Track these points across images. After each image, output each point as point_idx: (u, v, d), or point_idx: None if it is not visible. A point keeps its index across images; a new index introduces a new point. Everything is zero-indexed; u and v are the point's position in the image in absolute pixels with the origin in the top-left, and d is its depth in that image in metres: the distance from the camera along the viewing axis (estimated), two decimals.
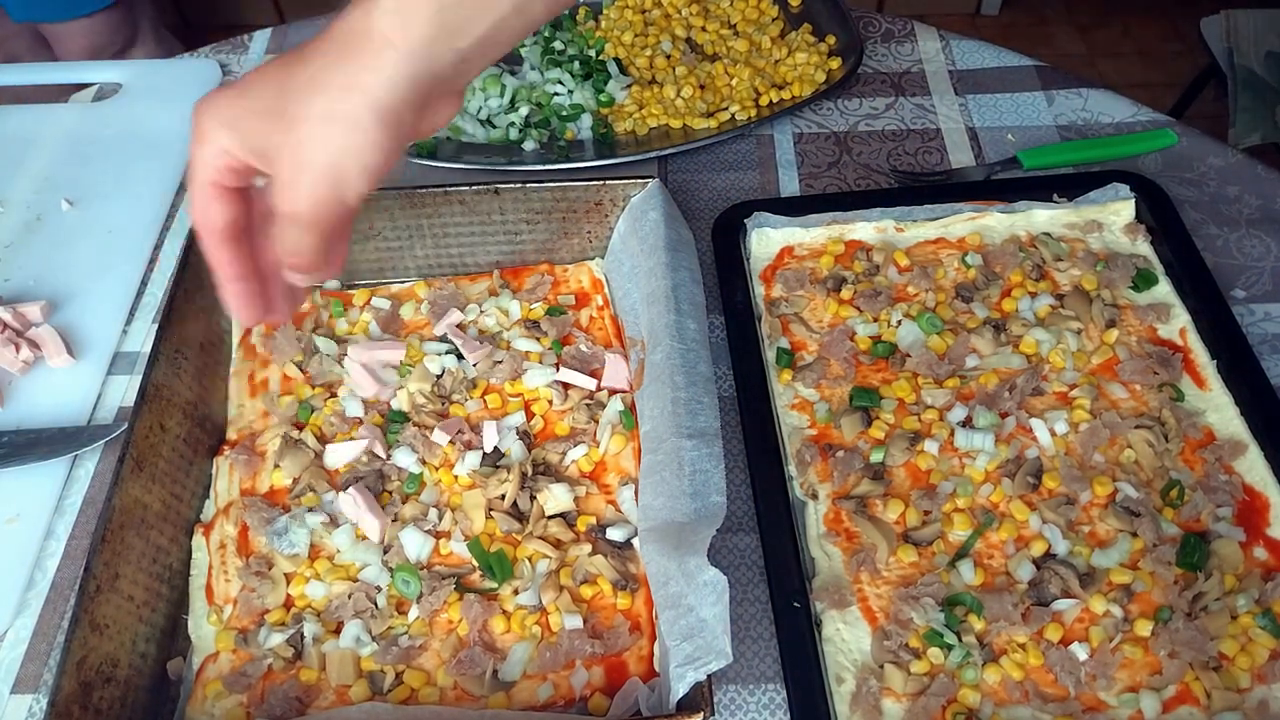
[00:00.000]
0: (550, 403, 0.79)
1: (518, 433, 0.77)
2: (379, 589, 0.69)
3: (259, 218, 0.56)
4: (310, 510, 0.73)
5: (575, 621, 0.67)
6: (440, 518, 0.73)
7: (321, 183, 0.50)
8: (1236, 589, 0.66)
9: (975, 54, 1.10)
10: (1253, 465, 0.72)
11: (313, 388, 0.81)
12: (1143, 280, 0.83)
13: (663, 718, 0.59)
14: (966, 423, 0.76)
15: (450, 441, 0.76)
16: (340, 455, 0.75)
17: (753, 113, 1.02)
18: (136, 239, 0.96)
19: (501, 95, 1.05)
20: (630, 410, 0.78)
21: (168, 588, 0.70)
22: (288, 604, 0.70)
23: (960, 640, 0.65)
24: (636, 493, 0.73)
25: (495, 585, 0.69)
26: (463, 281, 0.89)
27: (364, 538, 0.72)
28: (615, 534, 0.71)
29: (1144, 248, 0.87)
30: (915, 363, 0.80)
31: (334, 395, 0.80)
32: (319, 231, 0.52)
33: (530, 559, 0.71)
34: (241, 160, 0.52)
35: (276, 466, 0.75)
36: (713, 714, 0.60)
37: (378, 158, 0.50)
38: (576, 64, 1.07)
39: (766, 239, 0.89)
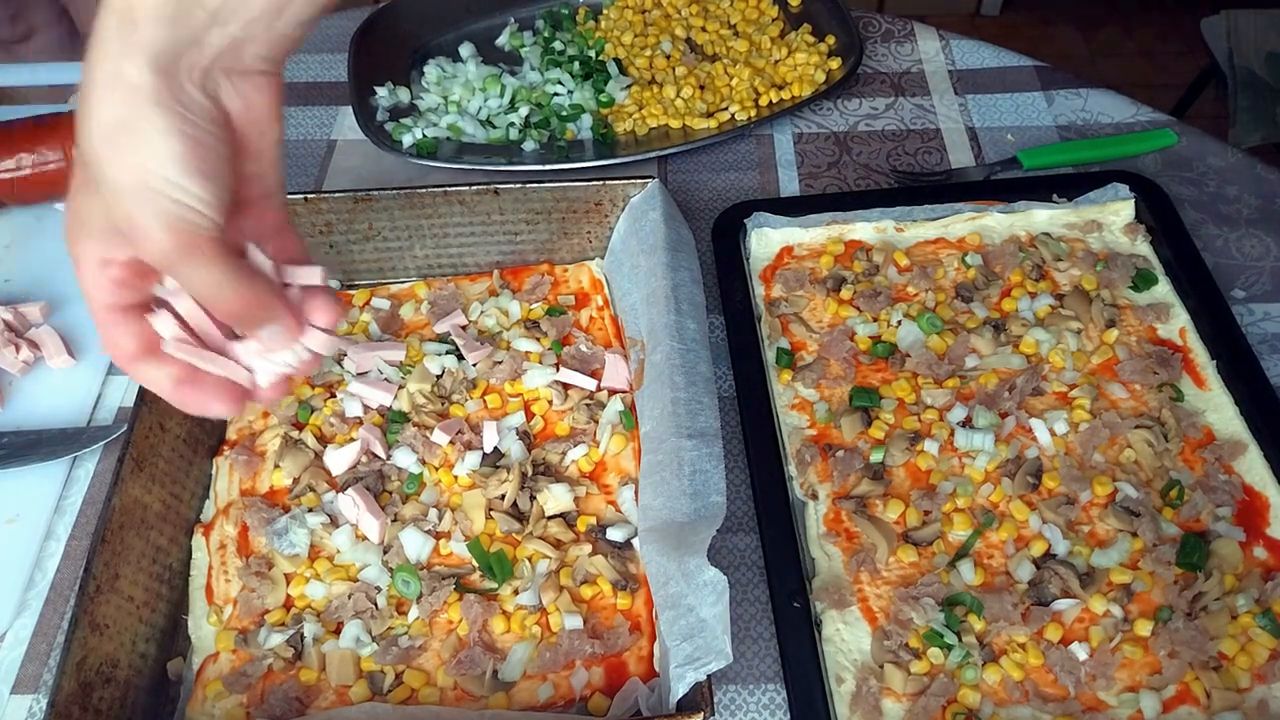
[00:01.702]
0: (550, 403, 0.79)
1: (518, 433, 0.77)
2: (379, 589, 0.69)
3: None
4: (310, 510, 0.73)
5: (575, 621, 0.67)
6: (440, 518, 0.73)
7: (152, 204, 0.45)
8: (1236, 589, 0.66)
9: (975, 54, 1.11)
10: (1252, 465, 0.72)
11: (313, 388, 0.81)
12: (1142, 280, 0.83)
13: (663, 718, 0.59)
14: (966, 423, 0.76)
15: (450, 441, 0.76)
16: (340, 462, 0.75)
17: (753, 113, 1.02)
18: None
19: (501, 95, 1.05)
20: (630, 410, 0.78)
21: (168, 588, 0.70)
22: (288, 604, 0.70)
23: (960, 640, 0.65)
24: (636, 493, 0.73)
25: (495, 585, 0.69)
26: (463, 281, 0.89)
27: (364, 538, 0.72)
28: (615, 534, 0.71)
29: (1144, 248, 0.87)
30: (915, 363, 0.80)
31: (334, 395, 0.80)
32: (211, 263, 0.47)
33: (530, 559, 0.71)
34: (119, 263, 0.48)
35: (276, 466, 0.75)
36: (713, 714, 0.60)
37: (179, 144, 0.45)
38: (576, 64, 1.07)
39: (766, 239, 0.89)
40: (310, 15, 0.48)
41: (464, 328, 0.84)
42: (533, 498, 0.73)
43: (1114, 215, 0.88)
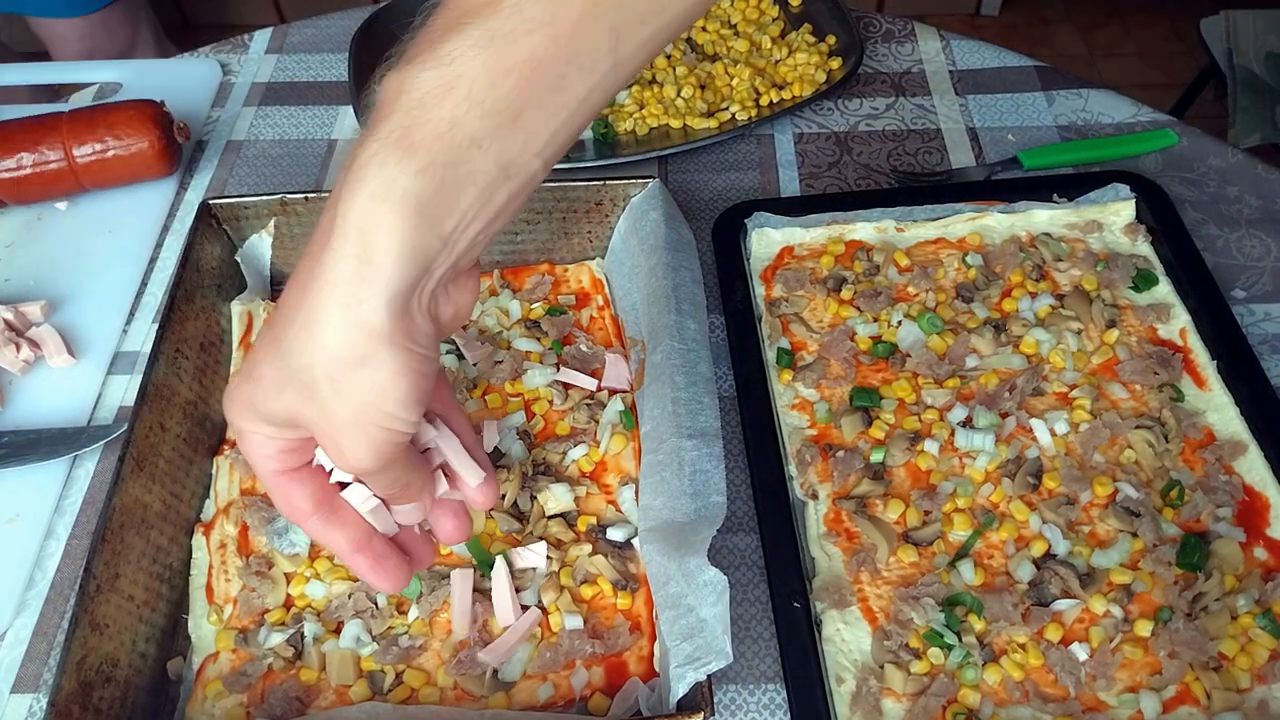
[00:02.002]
0: (550, 403, 0.79)
1: (518, 433, 0.77)
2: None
3: None
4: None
5: (575, 621, 0.67)
6: None
7: (366, 436, 0.46)
8: (1236, 589, 0.66)
9: (975, 54, 1.11)
10: (1253, 465, 0.72)
11: None
12: (1143, 280, 0.83)
13: (663, 718, 0.59)
14: (966, 423, 0.76)
15: None
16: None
17: (753, 113, 1.02)
18: (136, 239, 0.96)
19: None
20: (630, 410, 0.78)
21: (168, 588, 0.70)
22: (288, 604, 0.70)
23: (960, 640, 0.65)
24: (637, 493, 0.73)
25: None
26: None
27: None
28: (615, 534, 0.71)
29: (1144, 248, 0.87)
30: (915, 363, 0.80)
31: None
32: (395, 470, 0.49)
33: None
34: (287, 439, 0.50)
35: None
36: (713, 714, 0.60)
37: (407, 381, 0.45)
38: None
39: (766, 239, 0.89)
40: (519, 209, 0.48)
41: (464, 327, 0.84)
42: (533, 498, 0.73)
43: (1114, 215, 0.88)
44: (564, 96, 0.45)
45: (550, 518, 0.73)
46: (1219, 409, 0.76)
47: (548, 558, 0.70)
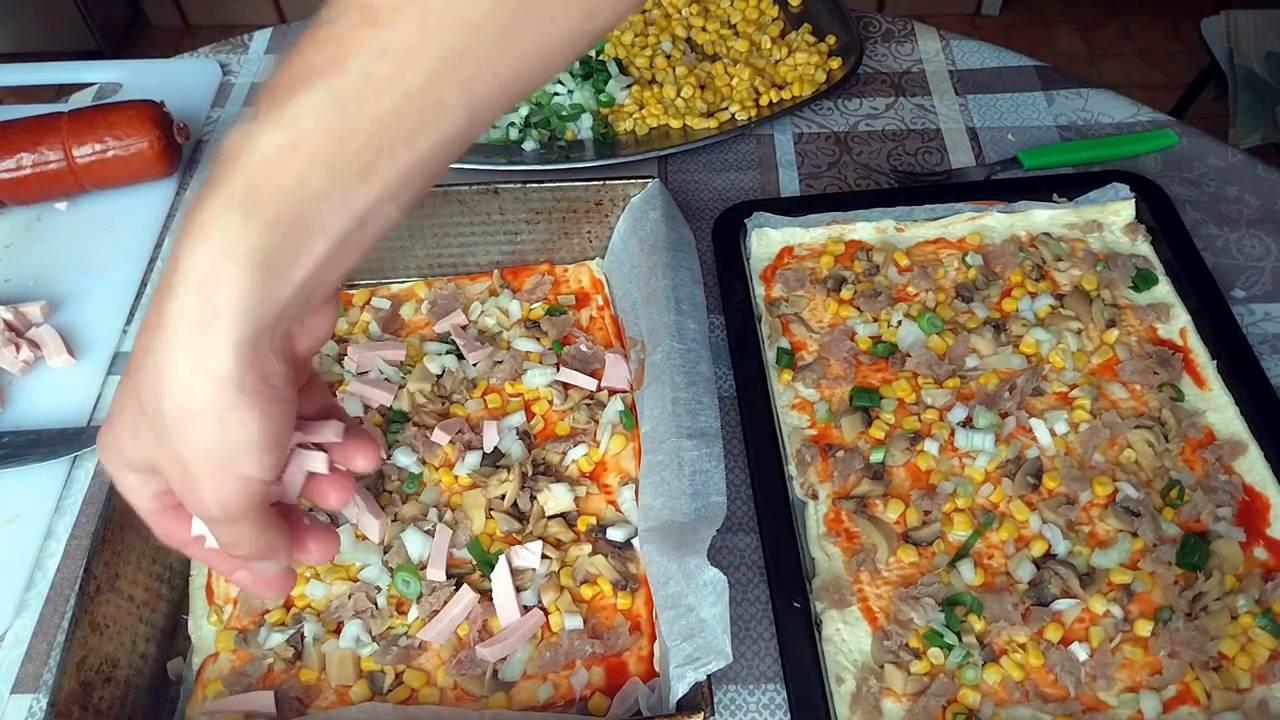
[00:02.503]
0: (550, 403, 0.79)
1: (518, 433, 0.77)
2: (379, 589, 0.69)
3: None
4: (310, 510, 0.72)
5: (575, 621, 0.67)
6: (440, 518, 0.73)
7: (216, 481, 0.44)
8: (1236, 589, 0.66)
9: (975, 54, 1.10)
10: (1253, 465, 0.72)
11: None
12: (1143, 280, 0.83)
13: (663, 718, 0.59)
14: (966, 423, 0.76)
15: (450, 441, 0.76)
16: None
17: (753, 113, 1.02)
18: (136, 239, 0.96)
19: None
20: (630, 410, 0.78)
21: (168, 588, 0.70)
22: (288, 604, 0.70)
23: (960, 640, 0.65)
24: (636, 493, 0.73)
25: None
26: (463, 281, 0.89)
27: (364, 537, 0.71)
28: (615, 534, 0.71)
29: (1144, 248, 0.87)
30: (915, 363, 0.80)
31: (333, 395, 0.80)
32: (247, 521, 0.46)
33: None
34: (157, 488, 0.48)
35: None
36: (713, 714, 0.60)
37: (258, 426, 0.43)
38: (576, 64, 1.07)
39: (766, 239, 0.89)
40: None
41: (464, 327, 0.84)
42: (533, 498, 0.73)
43: (1114, 215, 0.88)
44: (416, 149, 0.43)
45: (550, 518, 0.73)
46: (1219, 409, 0.76)
47: (547, 558, 0.70)
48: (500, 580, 0.68)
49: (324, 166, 0.41)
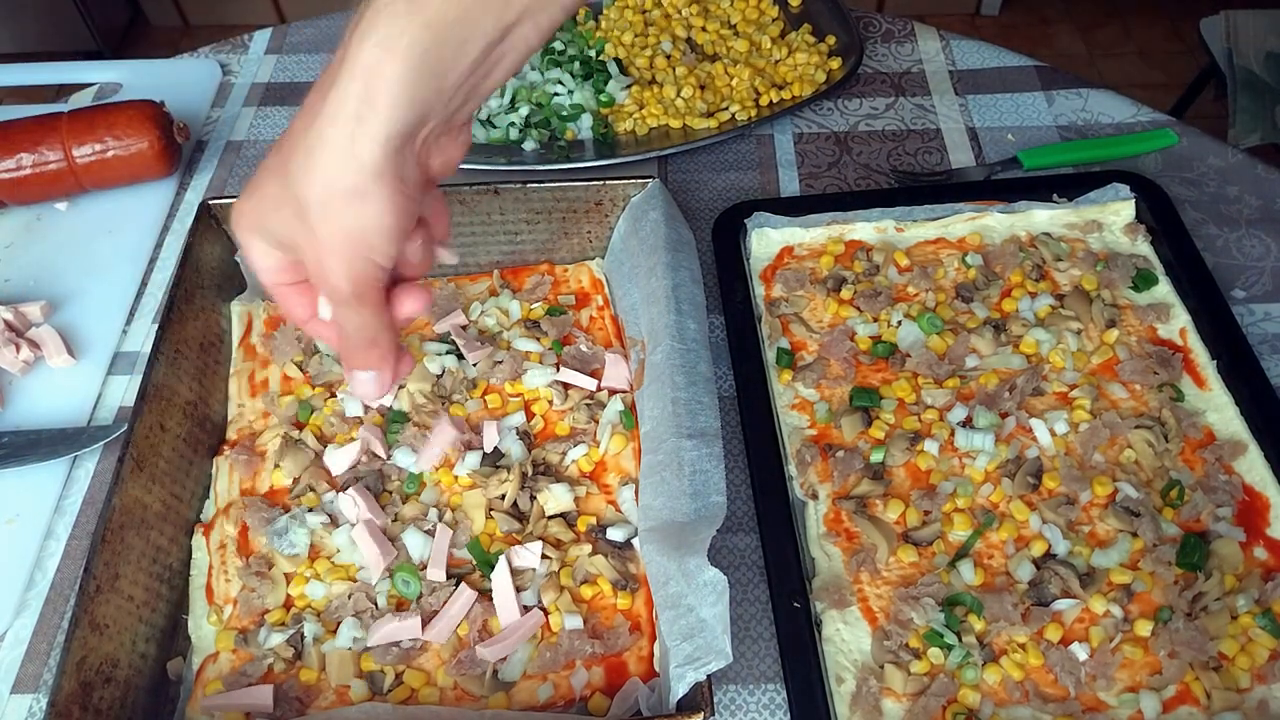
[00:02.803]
0: (550, 403, 0.79)
1: (518, 433, 0.77)
2: (379, 589, 0.69)
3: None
4: (310, 510, 0.73)
5: (575, 621, 0.67)
6: (440, 517, 0.73)
7: (348, 260, 0.50)
8: (1236, 589, 0.66)
9: (975, 54, 1.10)
10: (1253, 465, 0.72)
11: (313, 388, 0.81)
12: (1143, 280, 0.83)
13: (663, 718, 0.59)
14: (966, 423, 0.76)
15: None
16: (340, 461, 0.75)
17: (753, 113, 1.02)
18: (136, 239, 0.96)
19: (501, 95, 1.05)
20: (630, 410, 0.78)
21: (168, 588, 0.70)
22: (287, 604, 0.70)
23: (960, 640, 0.65)
24: (636, 493, 0.73)
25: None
26: (463, 281, 0.89)
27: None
28: (615, 534, 0.71)
29: (1144, 248, 0.87)
30: (915, 363, 0.80)
31: (334, 395, 0.80)
32: (366, 303, 0.52)
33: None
34: (285, 259, 0.54)
35: (276, 466, 0.75)
36: (713, 714, 0.60)
37: (391, 218, 0.49)
38: (576, 64, 1.07)
39: (766, 239, 0.89)
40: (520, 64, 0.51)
41: (464, 327, 0.84)
42: (533, 498, 0.73)
43: (1114, 215, 0.88)
44: None
45: (550, 518, 0.73)
46: (1219, 409, 0.76)
47: (547, 558, 0.70)
48: (500, 580, 0.68)
49: None
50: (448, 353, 0.82)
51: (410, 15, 0.45)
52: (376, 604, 0.69)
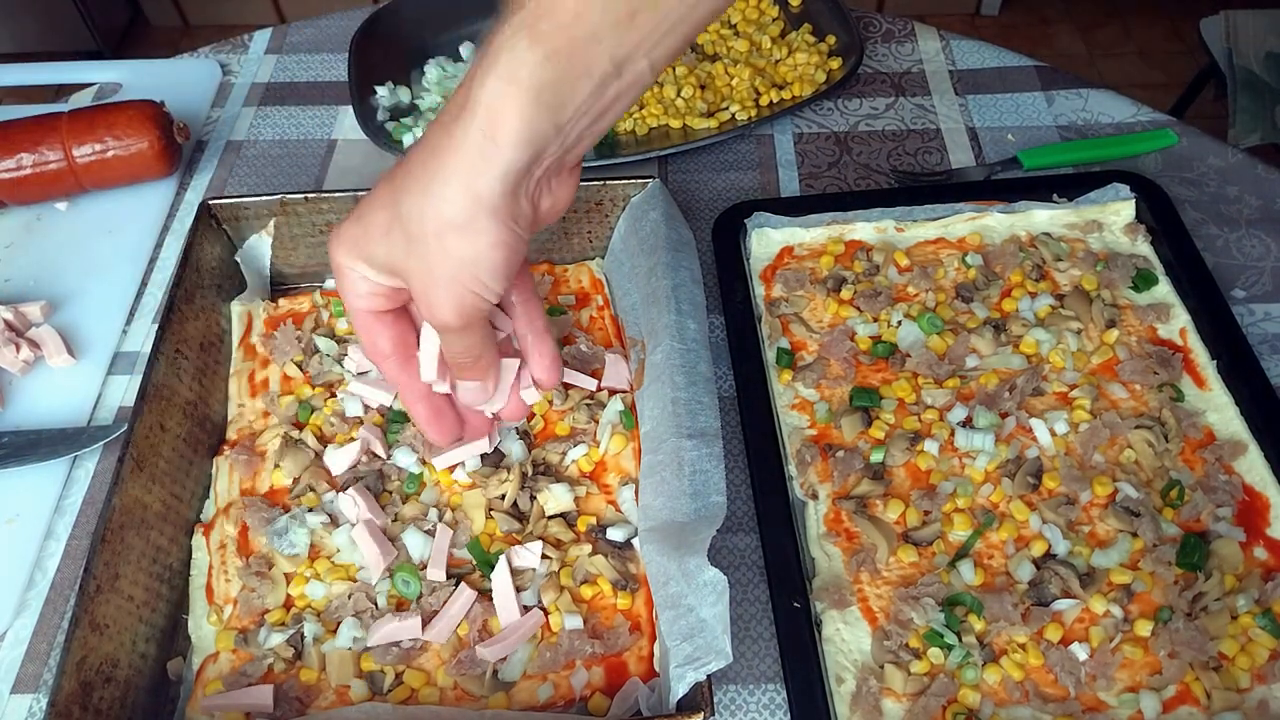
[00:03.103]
0: (550, 403, 0.79)
1: (518, 433, 0.77)
2: (379, 589, 0.69)
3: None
4: (310, 510, 0.73)
5: (575, 621, 0.67)
6: (440, 517, 0.73)
7: (456, 294, 0.52)
8: (1236, 589, 0.66)
9: (975, 54, 1.11)
10: (1253, 465, 0.72)
11: (313, 388, 0.81)
12: (1143, 280, 0.83)
13: (663, 718, 0.59)
14: (966, 423, 0.76)
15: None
16: (340, 461, 0.75)
17: (753, 113, 1.02)
18: (136, 239, 0.96)
19: None
20: (630, 410, 0.78)
21: (168, 588, 0.70)
22: (288, 604, 0.70)
23: (960, 640, 0.65)
24: (636, 493, 0.73)
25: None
26: None
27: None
28: (615, 534, 0.71)
29: (1144, 248, 0.87)
30: (915, 363, 0.80)
31: (334, 395, 0.80)
32: (472, 336, 0.55)
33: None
34: (381, 285, 0.56)
35: (276, 466, 0.75)
36: (713, 714, 0.60)
37: (501, 254, 0.51)
38: None
39: (766, 239, 0.89)
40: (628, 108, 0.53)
41: None
42: (533, 498, 0.73)
43: (1114, 215, 0.88)
44: (675, 0, 0.48)
45: (550, 518, 0.73)
46: (1219, 409, 0.76)
47: (547, 558, 0.70)
48: (500, 580, 0.68)
49: (598, 4, 0.47)
50: None
51: (531, 48, 0.47)
52: (376, 604, 0.69)
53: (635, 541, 0.71)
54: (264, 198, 0.84)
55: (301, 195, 0.84)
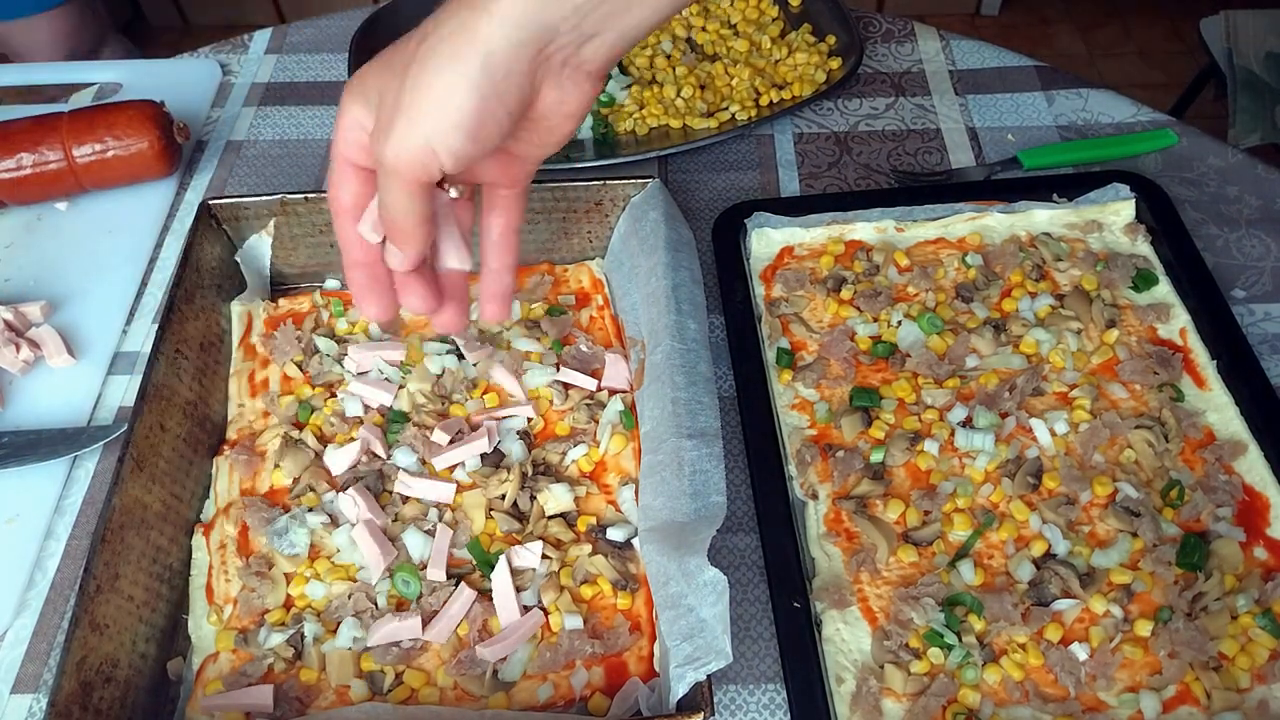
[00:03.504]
0: (550, 403, 0.79)
1: (518, 433, 0.77)
2: (379, 589, 0.69)
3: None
4: (310, 510, 0.73)
5: (575, 621, 0.67)
6: (440, 517, 0.73)
7: (416, 126, 0.49)
8: (1236, 589, 0.66)
9: (975, 54, 1.11)
10: (1253, 465, 0.72)
11: (313, 388, 0.81)
12: (1143, 280, 0.83)
13: (663, 718, 0.59)
14: (966, 423, 0.76)
15: (450, 441, 0.75)
16: (340, 461, 0.75)
17: (753, 113, 1.02)
18: (136, 239, 0.96)
19: None
20: (630, 410, 0.78)
21: (168, 588, 0.70)
22: (288, 604, 0.70)
23: (960, 640, 0.65)
24: (637, 493, 0.73)
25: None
26: None
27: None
28: (615, 534, 0.71)
29: (1144, 248, 0.87)
30: (915, 363, 0.80)
31: (334, 395, 0.80)
32: (407, 185, 0.51)
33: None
34: (367, 126, 0.53)
35: (276, 466, 0.75)
36: (713, 714, 0.60)
37: (474, 103, 0.48)
38: None
39: (766, 239, 0.89)
40: (660, 21, 0.51)
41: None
42: (533, 498, 0.73)
43: (1114, 215, 0.88)
44: None
45: (550, 518, 0.73)
46: (1219, 409, 0.76)
47: (547, 558, 0.70)
48: (500, 580, 0.68)
49: None
50: (448, 352, 0.82)
51: None
52: (376, 604, 0.69)
53: (635, 541, 0.71)
54: (264, 198, 0.84)
55: (301, 195, 0.84)
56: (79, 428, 0.81)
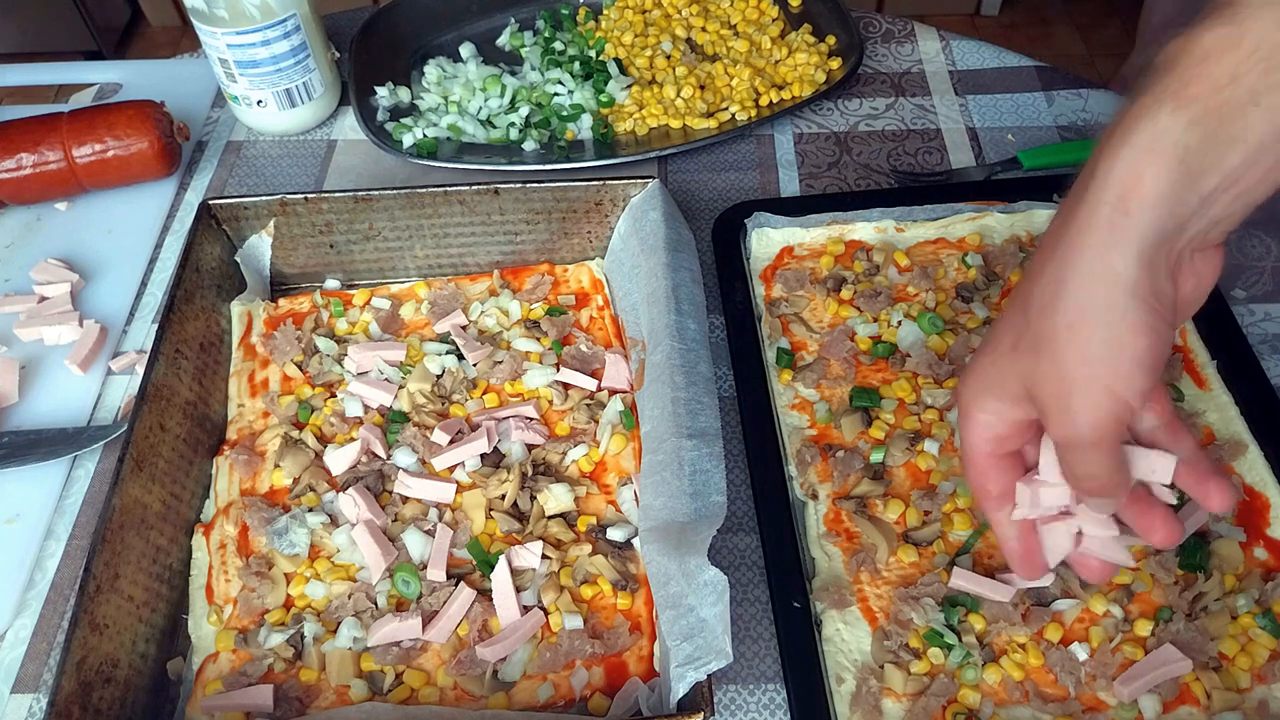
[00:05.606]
0: (550, 403, 0.79)
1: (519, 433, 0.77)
2: (379, 589, 0.69)
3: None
4: (310, 510, 0.73)
5: (575, 621, 0.67)
6: (440, 517, 0.73)
7: (1092, 394, 0.45)
8: (1236, 589, 0.66)
9: (975, 54, 1.11)
10: (1253, 465, 0.72)
11: (313, 388, 0.81)
12: None
13: (663, 718, 0.59)
14: None
15: (450, 441, 0.75)
16: (340, 461, 0.75)
17: (753, 113, 1.02)
18: (136, 239, 0.96)
19: (502, 95, 1.05)
20: (630, 410, 0.78)
21: (168, 588, 0.70)
22: (288, 604, 0.70)
23: (960, 640, 0.65)
24: (637, 493, 0.73)
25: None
26: (463, 281, 0.89)
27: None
28: (615, 534, 0.71)
29: None
30: (915, 363, 0.80)
31: (334, 395, 0.80)
32: (1106, 448, 0.47)
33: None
34: (1009, 422, 0.51)
35: (276, 466, 0.75)
36: (713, 714, 0.60)
37: (1144, 341, 0.44)
38: (577, 64, 1.07)
39: (766, 239, 0.89)
40: None
41: (464, 328, 0.84)
42: (533, 498, 0.73)
43: None
44: None
45: (550, 518, 0.73)
46: (1219, 409, 0.76)
47: (547, 558, 0.70)
48: (500, 580, 0.68)
49: (1261, 64, 0.42)
50: (448, 353, 0.82)
51: (1175, 114, 0.42)
52: (376, 604, 0.69)
53: (635, 541, 0.71)
54: (264, 198, 0.84)
55: (301, 195, 0.84)
56: (79, 428, 0.81)
